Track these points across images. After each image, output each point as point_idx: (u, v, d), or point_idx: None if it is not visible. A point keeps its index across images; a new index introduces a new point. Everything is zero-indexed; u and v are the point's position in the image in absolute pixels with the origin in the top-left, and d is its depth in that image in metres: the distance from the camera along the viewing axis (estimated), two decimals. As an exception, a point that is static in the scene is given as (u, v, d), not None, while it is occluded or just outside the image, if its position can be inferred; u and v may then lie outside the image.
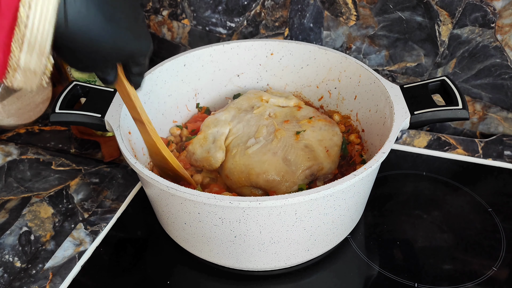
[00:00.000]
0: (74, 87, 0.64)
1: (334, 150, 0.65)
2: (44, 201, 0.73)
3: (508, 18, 0.71)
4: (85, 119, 0.60)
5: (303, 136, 0.65)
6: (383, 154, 0.52)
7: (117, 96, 0.63)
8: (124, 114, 0.61)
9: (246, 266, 0.59)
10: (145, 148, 0.67)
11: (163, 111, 0.73)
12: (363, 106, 0.68)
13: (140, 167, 0.52)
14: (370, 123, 0.67)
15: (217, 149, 0.65)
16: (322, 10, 0.79)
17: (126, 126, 0.61)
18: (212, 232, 0.54)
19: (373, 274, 0.60)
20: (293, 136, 0.65)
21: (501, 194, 0.70)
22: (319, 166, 0.63)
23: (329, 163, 0.64)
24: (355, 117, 0.71)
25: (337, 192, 0.50)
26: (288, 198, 0.47)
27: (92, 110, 0.61)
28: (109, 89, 0.65)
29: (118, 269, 0.63)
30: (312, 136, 0.65)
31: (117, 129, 0.58)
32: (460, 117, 0.56)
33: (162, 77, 0.71)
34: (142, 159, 0.66)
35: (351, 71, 0.70)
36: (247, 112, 0.70)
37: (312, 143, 0.64)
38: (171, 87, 0.73)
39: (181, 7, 0.88)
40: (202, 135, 0.68)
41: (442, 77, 0.61)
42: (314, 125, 0.67)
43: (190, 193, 0.48)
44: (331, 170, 0.64)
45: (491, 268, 0.60)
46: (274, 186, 0.61)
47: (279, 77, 0.77)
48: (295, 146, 0.63)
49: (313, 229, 0.54)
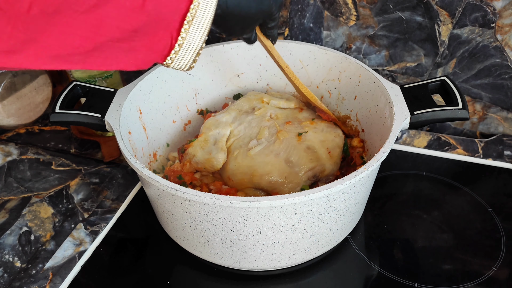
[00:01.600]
0: (74, 87, 0.64)
1: (336, 152, 0.65)
2: (44, 201, 0.73)
3: (508, 18, 0.71)
4: (85, 119, 0.60)
5: (305, 137, 0.65)
6: (383, 154, 0.52)
7: (117, 96, 0.63)
8: (124, 114, 0.61)
9: (246, 266, 0.59)
10: (145, 148, 0.68)
11: (163, 111, 0.73)
12: (363, 106, 0.68)
13: (140, 167, 0.52)
14: (370, 123, 0.67)
15: (218, 150, 0.65)
16: (322, 10, 0.79)
17: (126, 126, 0.61)
18: (212, 232, 0.54)
19: (373, 274, 0.60)
20: (295, 137, 0.65)
21: (501, 194, 0.70)
22: (321, 168, 0.63)
23: (331, 164, 0.63)
24: (355, 117, 0.71)
25: (337, 192, 0.50)
26: (288, 198, 0.47)
27: (92, 110, 0.61)
28: (109, 89, 0.65)
29: (118, 269, 0.63)
30: (315, 137, 0.65)
31: (117, 129, 0.58)
32: (460, 117, 0.56)
33: (162, 77, 0.71)
34: (142, 159, 0.66)
35: (351, 71, 0.70)
36: (248, 114, 0.70)
37: (315, 144, 0.64)
38: (171, 87, 0.73)
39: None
40: (202, 137, 0.68)
41: (442, 77, 0.61)
42: (316, 126, 0.67)
43: (190, 193, 0.48)
44: (333, 172, 0.64)
45: (491, 268, 0.60)
46: (277, 187, 0.61)
47: (279, 77, 0.77)
48: (297, 148, 0.63)
49: (313, 229, 0.54)
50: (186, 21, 0.40)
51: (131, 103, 0.64)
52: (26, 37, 0.32)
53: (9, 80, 0.84)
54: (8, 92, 0.84)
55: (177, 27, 0.40)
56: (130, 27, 0.37)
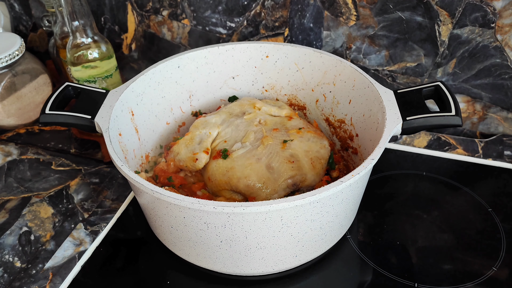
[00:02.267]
0: (65, 88, 0.63)
1: (319, 163, 0.64)
2: (44, 201, 0.73)
3: (508, 18, 0.71)
4: (75, 120, 0.60)
5: (290, 145, 0.64)
6: (372, 161, 0.51)
7: (109, 97, 0.63)
8: (114, 116, 0.61)
9: (233, 271, 0.58)
10: (136, 150, 0.67)
11: (156, 113, 0.72)
12: (357, 111, 0.68)
13: (127, 169, 0.52)
14: (363, 128, 0.66)
15: (201, 150, 0.65)
16: (322, 10, 0.79)
17: (116, 128, 0.61)
18: (198, 237, 0.54)
19: (373, 274, 0.60)
20: (279, 144, 0.64)
21: (501, 194, 0.70)
22: (302, 177, 0.62)
23: (313, 175, 0.62)
24: (350, 122, 0.70)
25: (323, 199, 0.50)
26: (273, 204, 0.46)
27: (82, 111, 0.60)
28: (100, 90, 0.64)
29: (118, 269, 0.63)
30: (299, 146, 0.64)
31: (106, 131, 0.58)
32: (453, 124, 0.56)
33: (155, 78, 0.70)
34: (133, 161, 0.66)
35: (346, 75, 0.69)
36: (237, 117, 0.70)
37: (298, 153, 0.63)
38: (164, 88, 0.73)
39: (181, 7, 0.88)
40: (189, 136, 0.68)
41: (436, 83, 0.60)
42: (303, 136, 0.66)
43: (174, 197, 0.48)
44: (314, 182, 0.63)
45: (491, 268, 0.60)
46: (254, 192, 0.60)
47: (275, 79, 0.77)
48: (280, 154, 0.63)
49: (300, 235, 0.54)
50: None
51: (122, 105, 0.64)
52: None
53: (9, 80, 0.84)
54: (8, 92, 0.84)
55: None
56: None
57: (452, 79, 0.79)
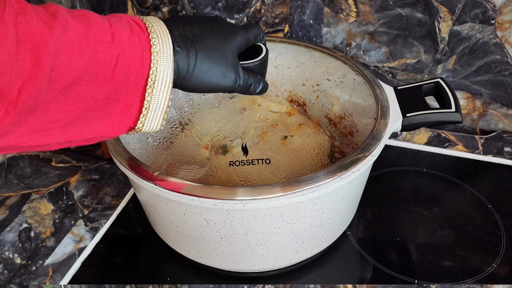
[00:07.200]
0: None
1: (320, 159, 0.64)
2: (44, 197, 0.73)
3: (508, 15, 0.71)
4: None
5: (290, 141, 0.64)
6: (372, 157, 0.51)
7: None
8: None
9: (234, 267, 0.58)
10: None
11: None
12: (358, 107, 0.68)
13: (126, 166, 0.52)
14: (364, 124, 0.66)
15: (201, 145, 0.65)
16: (322, 6, 0.79)
17: None
18: (198, 233, 0.54)
19: (373, 270, 0.60)
20: (280, 140, 0.64)
21: (501, 191, 0.71)
22: (303, 172, 0.62)
23: (314, 171, 0.62)
24: (350, 118, 0.70)
25: (323, 195, 0.49)
26: (272, 200, 0.46)
27: None
28: None
29: (118, 265, 0.63)
30: (299, 142, 0.64)
31: None
32: (452, 121, 0.56)
33: None
34: None
35: (346, 71, 0.69)
36: (237, 113, 0.70)
37: (299, 148, 0.63)
38: None
39: (181, 4, 0.88)
40: (189, 130, 0.68)
41: (436, 79, 0.60)
42: (303, 131, 0.66)
43: (174, 193, 0.48)
44: None
45: (491, 265, 0.60)
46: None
47: (274, 75, 0.77)
48: (280, 150, 0.63)
49: (300, 232, 0.54)
50: (149, 85, 0.42)
51: None
52: (17, 120, 0.34)
53: (8, 76, 0.84)
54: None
55: (142, 92, 0.42)
56: (103, 96, 0.39)
57: (452, 76, 0.79)
